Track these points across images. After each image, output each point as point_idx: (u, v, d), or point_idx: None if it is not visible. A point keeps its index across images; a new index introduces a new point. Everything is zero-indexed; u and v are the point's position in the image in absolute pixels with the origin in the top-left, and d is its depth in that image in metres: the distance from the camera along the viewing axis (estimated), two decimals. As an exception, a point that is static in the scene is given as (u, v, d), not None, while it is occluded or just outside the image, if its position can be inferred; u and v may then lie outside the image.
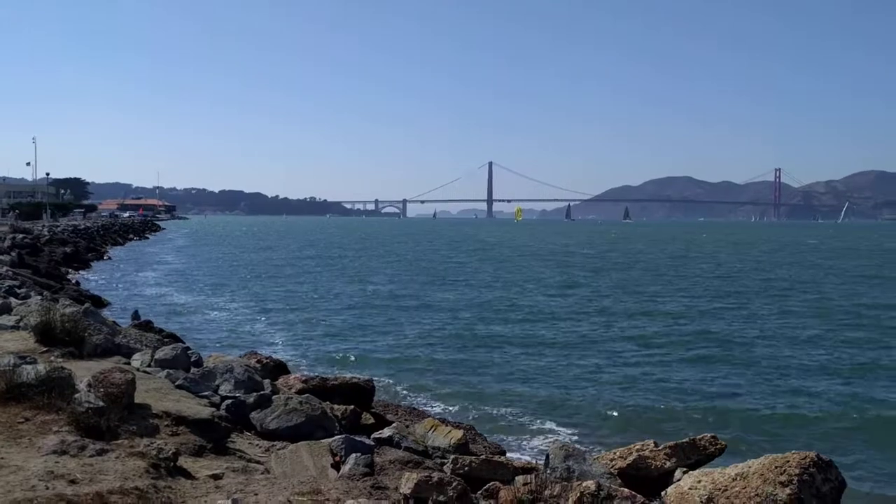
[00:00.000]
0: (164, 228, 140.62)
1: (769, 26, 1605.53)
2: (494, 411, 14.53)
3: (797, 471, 6.09)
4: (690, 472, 7.04)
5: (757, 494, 6.01)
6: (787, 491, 5.96)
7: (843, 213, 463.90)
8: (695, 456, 7.58)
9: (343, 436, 7.66)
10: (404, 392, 15.83)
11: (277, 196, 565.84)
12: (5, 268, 28.02)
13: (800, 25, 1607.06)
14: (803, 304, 31.46)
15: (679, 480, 6.89)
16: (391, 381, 16.68)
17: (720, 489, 6.27)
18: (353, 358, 19.72)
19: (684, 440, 7.75)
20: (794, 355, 20.17)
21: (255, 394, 9.39)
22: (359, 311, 28.62)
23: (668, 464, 7.51)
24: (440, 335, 23.26)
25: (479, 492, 6.61)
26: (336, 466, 7.00)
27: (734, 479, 6.28)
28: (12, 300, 16.66)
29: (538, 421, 13.88)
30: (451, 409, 14.54)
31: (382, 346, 21.49)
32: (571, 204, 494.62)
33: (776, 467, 6.17)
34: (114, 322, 16.51)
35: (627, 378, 17.38)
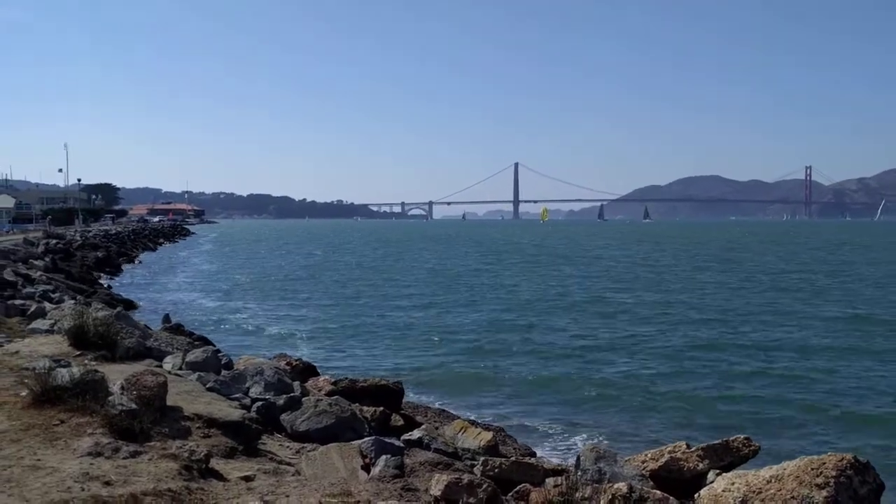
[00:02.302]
0: (193, 233, 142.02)
1: (796, 24, 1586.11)
2: (524, 413, 14.46)
3: (834, 473, 5.98)
4: (724, 474, 6.95)
5: (793, 497, 5.91)
6: (824, 493, 5.86)
7: (879, 210, 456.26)
8: (728, 458, 7.49)
9: (373, 437, 7.68)
10: (433, 394, 15.81)
11: (305, 199, 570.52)
12: (39, 272, 28.49)
13: (828, 22, 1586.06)
14: (848, 308, 31.02)
15: (712, 482, 6.81)
16: (420, 383, 16.67)
17: (754, 491, 6.18)
18: (381, 360, 19.76)
19: (717, 442, 7.66)
20: (834, 357, 19.84)
21: (284, 396, 9.45)
22: (388, 315, 28.67)
23: (701, 466, 7.42)
24: (469, 338, 23.22)
25: (510, 494, 6.58)
26: (366, 468, 7.01)
27: (769, 482, 6.19)
28: (46, 304, 16.93)
29: (568, 423, 13.79)
30: (480, 410, 14.50)
31: (411, 348, 21.50)
32: (598, 204, 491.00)
33: (812, 469, 6.07)
34: (145, 325, 16.70)
35: (659, 380, 17.21)
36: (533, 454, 10.69)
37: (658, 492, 6.40)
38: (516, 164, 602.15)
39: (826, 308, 29.67)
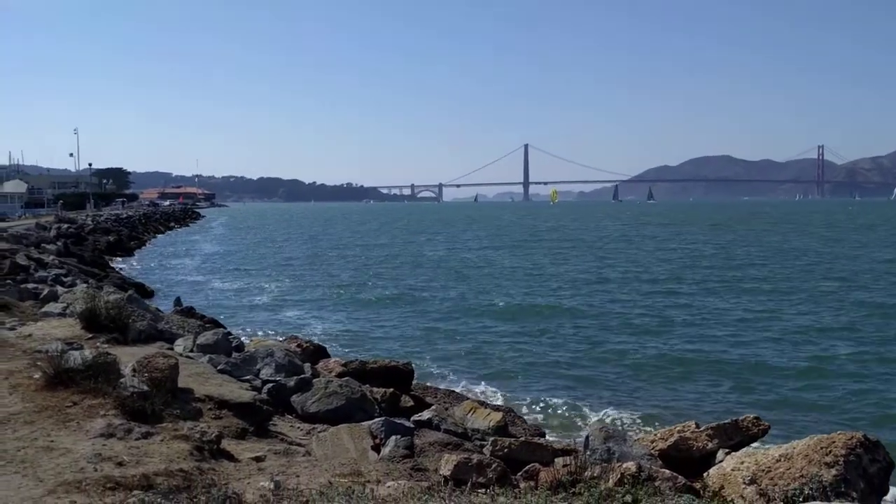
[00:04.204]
0: (204, 216, 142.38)
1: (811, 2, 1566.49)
2: (533, 394, 14.49)
3: (843, 451, 5.98)
4: (733, 453, 6.96)
5: (802, 475, 5.91)
6: (833, 472, 5.85)
7: (895, 189, 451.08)
8: (737, 437, 7.48)
9: (383, 418, 7.72)
10: (443, 375, 15.86)
11: (315, 182, 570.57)
12: (52, 257, 28.65)
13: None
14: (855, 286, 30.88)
15: (721, 461, 6.82)
16: (430, 365, 16.73)
17: (764, 470, 6.18)
18: (392, 342, 19.81)
19: (726, 421, 7.65)
20: (844, 335, 19.79)
21: (295, 377, 9.49)
22: (399, 298, 28.72)
23: (710, 445, 7.42)
24: (479, 320, 23.27)
25: (519, 473, 6.60)
26: (376, 448, 7.05)
27: (778, 461, 6.19)
28: (59, 288, 17.03)
29: (577, 403, 13.81)
30: (490, 391, 14.55)
31: (422, 330, 21.55)
32: (609, 185, 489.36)
33: (821, 448, 6.07)
34: (156, 308, 16.80)
35: (668, 359, 17.21)
36: (542, 434, 10.71)
37: (667, 471, 6.41)
38: (526, 146, 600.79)
39: (849, 292, 29.53)
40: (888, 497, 6.47)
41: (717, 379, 15.47)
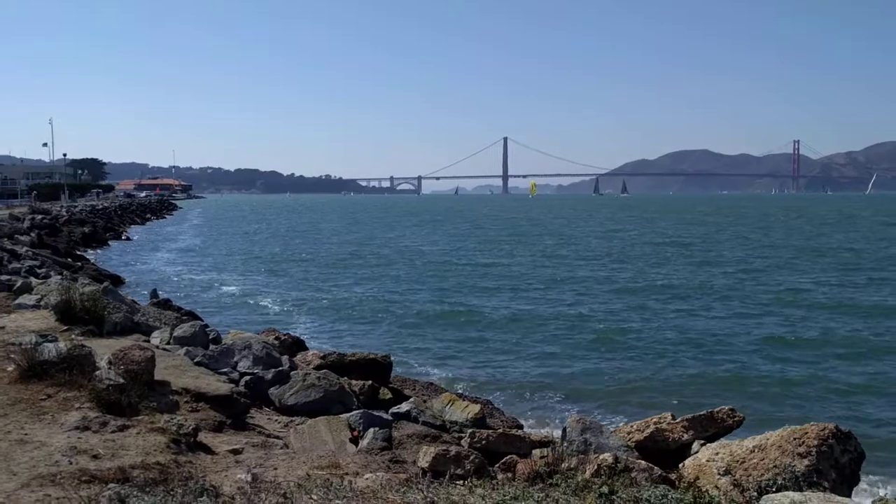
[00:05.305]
0: (181, 208, 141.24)
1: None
2: (512, 386, 14.55)
3: (816, 442, 6.06)
4: (708, 444, 7.03)
5: (775, 466, 5.99)
6: (806, 462, 5.94)
7: (870, 184, 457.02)
8: (712, 428, 7.56)
9: (361, 411, 7.73)
10: (422, 367, 15.87)
11: (293, 174, 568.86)
12: (25, 248, 28.29)
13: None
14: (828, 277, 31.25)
15: (697, 453, 6.89)
16: (409, 357, 16.73)
17: (738, 461, 6.26)
18: (370, 334, 19.80)
19: (702, 413, 7.73)
20: (815, 326, 20.05)
21: (273, 370, 9.47)
22: (377, 290, 28.70)
23: (686, 436, 7.49)
24: (457, 312, 23.29)
25: (497, 465, 6.64)
26: (354, 441, 7.05)
27: (752, 451, 6.27)
28: (33, 280, 16.82)
29: (555, 395, 13.90)
30: (468, 383, 14.58)
31: (400, 322, 21.55)
32: (588, 178, 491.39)
33: (794, 439, 6.15)
34: (133, 300, 16.65)
35: (645, 351, 17.35)
36: (520, 426, 10.77)
37: (643, 462, 6.48)
38: (505, 139, 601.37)
39: (820, 287, 29.91)
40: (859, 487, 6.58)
41: (693, 372, 15.61)
